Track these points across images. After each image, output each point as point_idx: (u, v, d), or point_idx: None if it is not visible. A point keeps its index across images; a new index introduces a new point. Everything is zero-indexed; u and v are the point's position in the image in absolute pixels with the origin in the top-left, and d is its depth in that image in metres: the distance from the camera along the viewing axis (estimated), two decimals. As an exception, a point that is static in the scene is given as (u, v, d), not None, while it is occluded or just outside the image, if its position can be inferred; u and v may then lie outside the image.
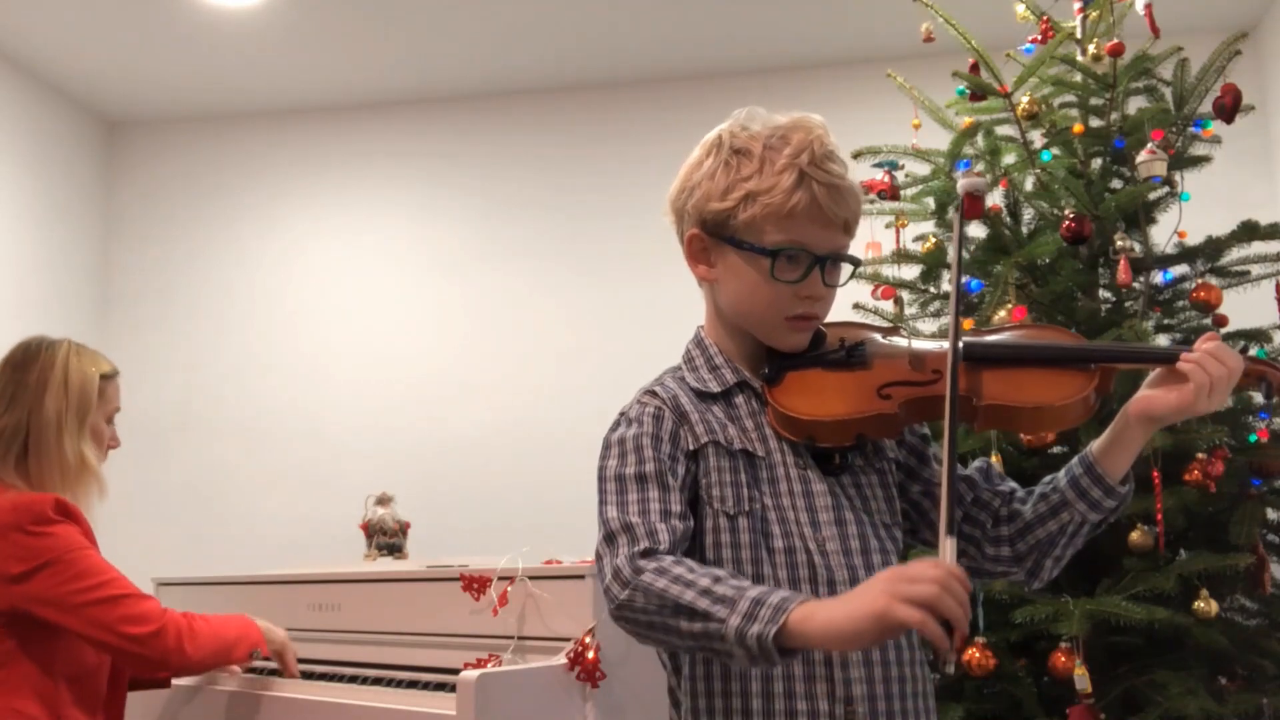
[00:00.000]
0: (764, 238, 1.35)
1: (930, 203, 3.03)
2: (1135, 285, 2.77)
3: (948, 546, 1.15)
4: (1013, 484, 1.46)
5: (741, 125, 1.40)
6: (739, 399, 1.40)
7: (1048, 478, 1.42)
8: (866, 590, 1.12)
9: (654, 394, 1.39)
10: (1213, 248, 2.85)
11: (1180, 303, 2.85)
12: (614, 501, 1.30)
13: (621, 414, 1.40)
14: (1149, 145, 2.73)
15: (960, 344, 1.35)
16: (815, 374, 1.40)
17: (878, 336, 1.45)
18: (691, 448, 1.35)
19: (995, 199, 2.93)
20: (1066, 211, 2.73)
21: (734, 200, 1.36)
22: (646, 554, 1.23)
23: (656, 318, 4.22)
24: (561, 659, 1.93)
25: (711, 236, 1.39)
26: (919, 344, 1.43)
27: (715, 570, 1.21)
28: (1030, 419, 1.39)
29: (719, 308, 1.44)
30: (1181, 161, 2.85)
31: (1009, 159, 2.98)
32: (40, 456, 2.08)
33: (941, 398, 1.29)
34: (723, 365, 1.42)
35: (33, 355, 2.13)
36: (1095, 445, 1.39)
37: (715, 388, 1.40)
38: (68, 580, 1.99)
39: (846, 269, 1.42)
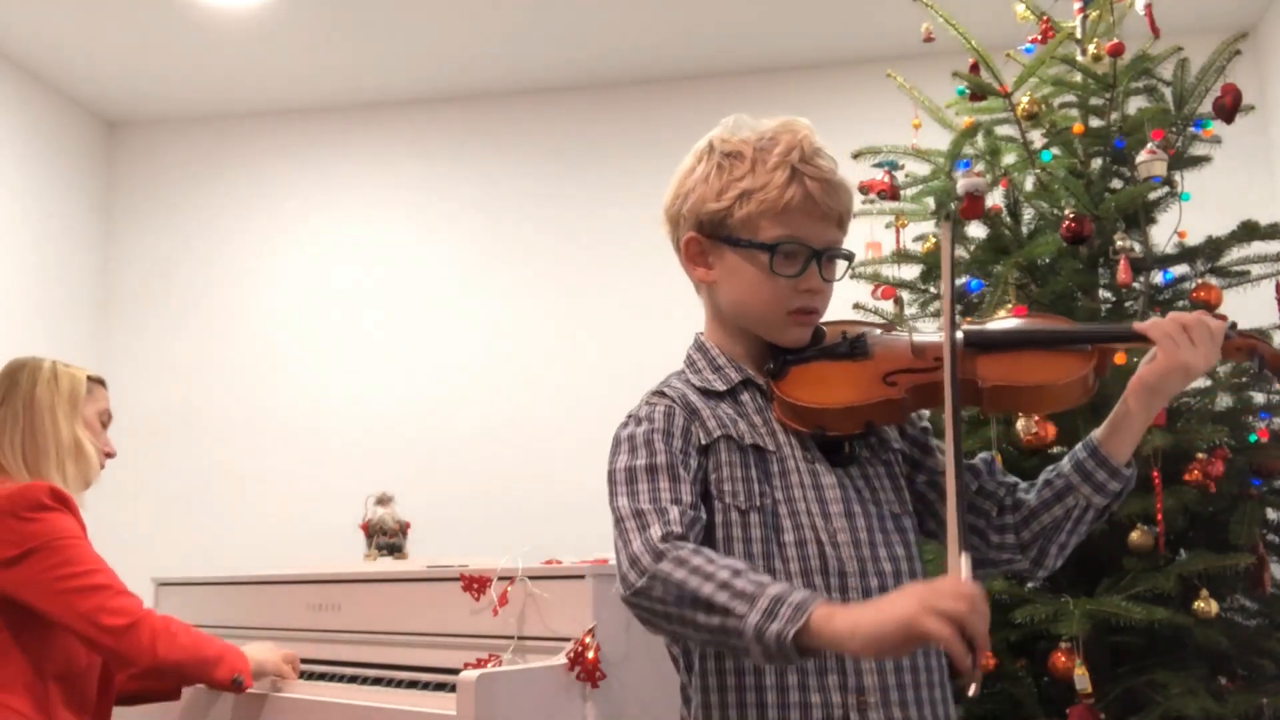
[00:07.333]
0: (761, 234, 1.37)
1: (930, 203, 3.03)
2: (1135, 285, 2.77)
3: (963, 564, 1.14)
4: (1014, 478, 1.49)
5: (730, 131, 1.43)
6: (744, 396, 1.42)
7: (1050, 466, 1.45)
8: (896, 598, 1.12)
9: (663, 394, 1.40)
10: (1213, 248, 2.84)
11: (1180, 303, 2.85)
12: (624, 492, 1.30)
13: (630, 415, 1.40)
14: (1149, 145, 2.72)
15: (959, 333, 1.38)
16: (820, 366, 1.42)
17: (876, 331, 1.48)
18: (704, 442, 1.35)
19: (995, 199, 2.93)
20: (1066, 211, 2.73)
21: (729, 200, 1.38)
22: (666, 539, 1.22)
23: (657, 317, 4.22)
24: (561, 659, 1.93)
25: (709, 238, 1.41)
26: (919, 336, 1.46)
27: (735, 562, 1.19)
28: (1033, 398, 1.44)
29: (719, 309, 1.45)
30: (1181, 161, 2.85)
31: (1009, 159, 2.97)
32: (37, 437, 2.17)
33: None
34: (725, 365, 1.44)
35: (19, 364, 2.26)
36: (1098, 431, 1.42)
37: (720, 386, 1.41)
38: (53, 566, 2.02)
39: (842, 264, 1.44)
